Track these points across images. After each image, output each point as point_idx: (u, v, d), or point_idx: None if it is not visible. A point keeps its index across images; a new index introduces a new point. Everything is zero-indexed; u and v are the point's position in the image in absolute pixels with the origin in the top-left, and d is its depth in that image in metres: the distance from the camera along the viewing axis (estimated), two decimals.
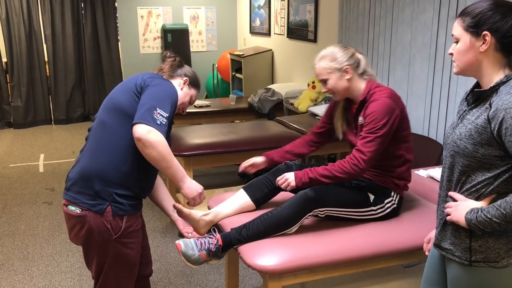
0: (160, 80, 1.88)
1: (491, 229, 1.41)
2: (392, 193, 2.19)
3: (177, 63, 2.06)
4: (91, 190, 1.78)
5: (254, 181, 2.27)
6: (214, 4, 7.40)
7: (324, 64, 2.17)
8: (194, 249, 1.96)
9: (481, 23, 1.41)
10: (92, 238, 1.81)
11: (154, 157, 1.73)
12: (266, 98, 4.92)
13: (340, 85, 2.17)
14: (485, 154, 1.41)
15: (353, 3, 4.20)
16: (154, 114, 1.73)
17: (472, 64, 1.46)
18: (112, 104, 1.85)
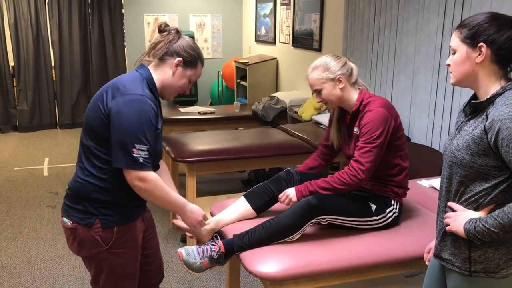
0: (128, 103, 1.68)
1: (489, 239, 1.42)
2: (392, 202, 2.19)
3: (170, 39, 1.82)
4: (78, 204, 1.79)
5: (255, 189, 2.28)
6: (220, 12, 7.45)
7: (317, 74, 2.19)
8: (196, 257, 1.96)
9: (477, 35, 1.44)
10: (84, 249, 1.82)
11: (150, 200, 1.78)
12: (270, 106, 4.95)
13: (333, 94, 2.18)
14: (483, 165, 1.43)
15: (358, 13, 4.23)
16: (133, 154, 1.66)
17: (468, 75, 1.49)
18: (86, 123, 1.78)
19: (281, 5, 6.04)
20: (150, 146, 1.71)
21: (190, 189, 3.35)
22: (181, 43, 1.83)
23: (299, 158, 3.63)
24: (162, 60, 1.82)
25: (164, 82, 1.84)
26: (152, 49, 1.84)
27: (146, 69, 1.83)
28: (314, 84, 2.20)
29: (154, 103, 1.74)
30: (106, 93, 1.74)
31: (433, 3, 3.34)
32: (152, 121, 1.71)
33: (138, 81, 1.76)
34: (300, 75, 5.71)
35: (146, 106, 1.69)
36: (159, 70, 1.83)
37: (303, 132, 3.83)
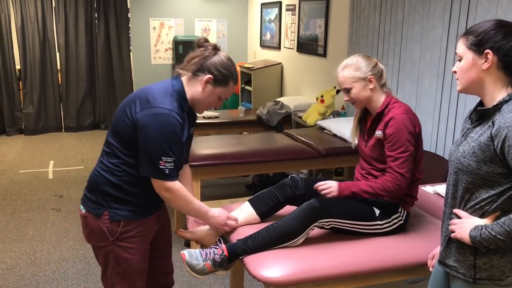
0: (154, 117, 1.74)
1: (495, 246, 1.42)
2: (399, 209, 2.20)
3: (205, 55, 1.85)
4: (92, 195, 1.90)
5: (260, 194, 2.29)
6: (225, 17, 7.48)
7: (348, 73, 2.19)
8: (198, 259, 1.97)
9: (483, 42, 1.45)
10: (93, 238, 1.92)
11: (174, 207, 1.93)
12: (275, 110, 4.96)
13: (362, 94, 2.20)
14: (488, 172, 1.42)
15: (363, 19, 4.24)
16: (160, 165, 1.76)
17: (475, 81, 1.49)
18: (113, 123, 1.87)
19: (286, 10, 6.07)
20: (176, 158, 1.80)
21: (195, 193, 3.36)
22: (214, 60, 1.85)
23: (303, 163, 3.64)
24: (194, 75, 1.86)
25: (194, 97, 1.88)
26: (188, 62, 1.88)
27: (179, 81, 1.88)
28: (344, 82, 2.21)
29: (180, 116, 1.80)
30: (135, 102, 1.81)
31: (438, 9, 3.35)
32: (178, 134, 1.78)
33: (168, 93, 1.81)
34: (305, 80, 5.72)
35: (172, 120, 1.76)
36: (190, 84, 1.88)
37: (307, 137, 3.84)
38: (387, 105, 2.18)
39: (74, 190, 4.78)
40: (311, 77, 5.55)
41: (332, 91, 4.48)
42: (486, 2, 2.94)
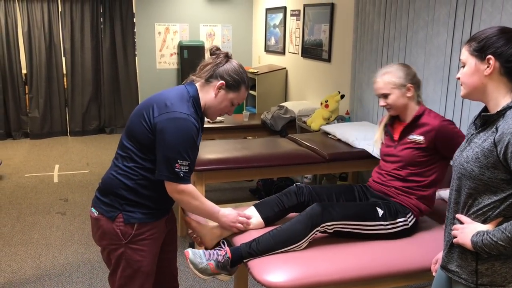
0: (173, 121, 1.79)
1: (497, 252, 1.42)
2: (408, 213, 2.22)
3: (217, 62, 1.91)
4: (106, 198, 1.92)
5: (266, 200, 2.31)
6: (230, 22, 7.52)
7: (388, 79, 2.27)
8: (202, 258, 1.99)
9: (485, 48, 1.46)
10: (105, 240, 1.93)
11: (186, 209, 1.97)
12: (279, 115, 4.97)
13: (400, 101, 2.27)
14: (491, 177, 1.43)
15: (368, 25, 4.26)
16: (175, 168, 1.80)
17: (477, 87, 1.50)
18: (128, 127, 1.90)
19: (291, 15, 6.09)
20: (191, 161, 1.84)
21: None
22: (226, 67, 1.91)
23: (307, 168, 3.64)
24: (207, 82, 1.91)
25: (207, 103, 1.93)
26: (201, 69, 1.95)
27: (194, 88, 1.93)
28: (383, 88, 2.27)
29: (197, 121, 1.85)
30: (152, 106, 1.85)
31: (443, 15, 3.35)
32: (194, 138, 1.83)
33: (184, 99, 1.86)
34: (309, 85, 5.73)
35: (189, 125, 1.81)
36: (204, 90, 1.92)
37: (311, 142, 3.85)
38: (423, 113, 2.26)
39: (79, 194, 4.80)
40: (315, 82, 5.56)
41: (337, 96, 4.49)
42: (491, 8, 2.94)
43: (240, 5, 7.48)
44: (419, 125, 2.26)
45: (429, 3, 3.48)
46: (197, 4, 7.30)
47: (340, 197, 2.34)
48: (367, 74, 4.32)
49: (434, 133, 2.20)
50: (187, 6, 7.27)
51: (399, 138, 2.33)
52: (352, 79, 4.57)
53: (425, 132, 2.22)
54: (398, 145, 2.31)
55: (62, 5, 6.80)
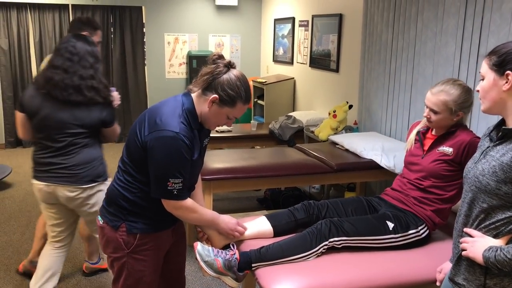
0: (161, 140, 1.74)
1: (509, 269, 1.40)
2: (422, 225, 2.22)
3: (216, 72, 1.80)
4: (110, 207, 1.94)
5: (277, 212, 2.34)
6: (239, 32, 7.57)
7: (444, 99, 2.23)
8: (210, 252, 2.01)
9: (505, 63, 1.45)
10: (109, 248, 1.95)
11: (185, 221, 1.97)
12: (287, 125, 4.98)
13: (445, 122, 2.27)
14: (508, 193, 1.41)
15: (376, 36, 4.27)
16: (168, 186, 1.78)
17: (496, 102, 1.49)
18: (126, 142, 1.90)
19: (299, 26, 6.13)
20: (185, 178, 1.81)
21: (207, 206, 3.38)
22: (223, 79, 1.79)
23: (315, 178, 3.64)
24: (203, 93, 1.82)
25: (202, 114, 1.86)
26: (199, 77, 1.85)
27: (190, 99, 1.85)
28: (437, 104, 2.25)
29: (187, 137, 1.77)
30: (145, 123, 1.81)
31: (451, 26, 3.36)
32: (185, 155, 1.77)
33: (176, 114, 1.79)
34: (317, 95, 5.75)
35: (178, 143, 1.75)
36: (200, 101, 1.84)
37: (319, 152, 3.85)
38: (458, 128, 2.26)
39: None
40: (323, 92, 5.58)
41: (345, 106, 4.50)
42: (499, 19, 2.95)
43: (249, 16, 7.54)
44: (451, 137, 2.26)
45: (438, 14, 3.49)
46: (206, 14, 7.36)
47: (348, 210, 2.35)
48: (375, 85, 4.33)
49: (463, 146, 2.20)
50: (197, 17, 7.34)
51: (428, 148, 2.33)
52: (360, 89, 4.58)
53: (455, 144, 2.22)
54: (425, 156, 2.32)
55: (73, 15, 6.89)
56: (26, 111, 2.50)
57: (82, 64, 2.45)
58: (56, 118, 2.43)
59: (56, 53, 2.47)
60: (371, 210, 2.37)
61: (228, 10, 7.42)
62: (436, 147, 2.29)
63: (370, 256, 2.10)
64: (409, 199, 2.30)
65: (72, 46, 2.45)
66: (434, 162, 2.25)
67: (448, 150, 2.23)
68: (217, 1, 7.17)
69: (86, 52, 2.48)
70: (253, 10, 7.53)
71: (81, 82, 2.43)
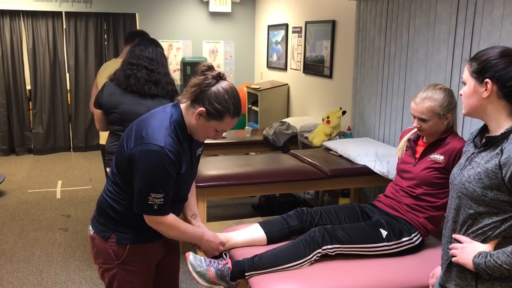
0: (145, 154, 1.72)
1: (499, 274, 1.41)
2: (415, 233, 2.22)
3: (204, 84, 1.75)
4: (101, 217, 1.92)
5: (270, 219, 2.33)
6: (233, 39, 7.59)
7: (430, 106, 2.23)
8: (202, 263, 2.00)
9: (484, 70, 1.46)
10: (99, 259, 1.93)
11: (168, 237, 1.91)
12: (281, 131, 4.99)
13: (435, 128, 2.27)
14: (494, 199, 1.42)
15: (369, 42, 4.29)
16: (149, 201, 1.75)
17: (476, 108, 1.50)
18: (115, 155, 1.88)
19: (293, 32, 6.15)
20: (166, 194, 1.77)
21: (201, 214, 3.37)
22: (211, 92, 1.74)
23: (309, 184, 3.64)
24: (191, 105, 1.78)
25: (190, 127, 1.82)
26: (189, 88, 1.80)
27: (179, 110, 1.81)
28: (424, 113, 2.24)
29: (173, 152, 1.74)
30: (131, 134, 1.80)
31: (443, 33, 3.38)
32: (169, 170, 1.74)
33: (163, 126, 1.76)
34: (311, 101, 5.76)
35: (162, 158, 1.72)
36: (188, 113, 1.80)
37: (313, 158, 3.85)
38: (449, 134, 2.26)
39: (82, 210, 4.80)
40: (317, 98, 5.59)
41: (338, 112, 4.51)
42: (490, 26, 2.97)
43: (243, 22, 7.56)
44: (442, 145, 2.27)
45: (429, 21, 3.52)
46: (200, 21, 7.38)
47: (341, 217, 2.35)
48: (368, 91, 4.34)
49: (454, 154, 2.20)
50: (190, 23, 7.35)
51: (420, 156, 2.34)
52: (354, 95, 4.60)
53: (446, 152, 2.23)
54: (417, 163, 2.32)
55: (67, 22, 6.88)
56: (104, 108, 2.81)
57: (161, 63, 2.78)
58: (135, 111, 2.64)
59: (132, 55, 2.77)
60: (364, 217, 2.37)
61: (221, 17, 7.44)
62: (428, 155, 2.29)
63: (363, 264, 2.10)
64: (402, 206, 2.30)
65: (148, 49, 2.77)
66: (425, 170, 2.26)
67: (439, 158, 2.24)
68: (210, 8, 7.19)
69: (161, 53, 2.82)
70: (246, 17, 7.56)
71: (160, 77, 2.75)
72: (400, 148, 2.48)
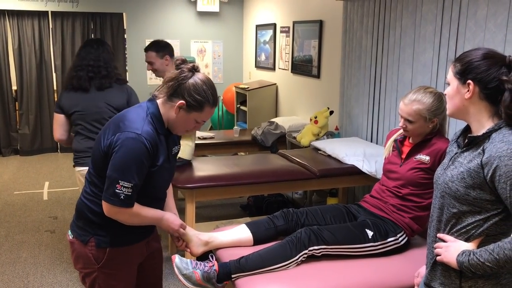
0: (121, 141, 1.72)
1: (482, 272, 1.43)
2: (400, 233, 2.24)
3: (181, 78, 1.77)
4: (79, 221, 1.90)
5: (258, 220, 2.33)
6: (221, 38, 7.58)
7: (418, 109, 2.24)
8: (188, 265, 1.99)
9: (467, 72, 1.48)
10: (79, 264, 1.91)
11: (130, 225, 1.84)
12: (270, 131, 4.99)
13: (421, 130, 2.29)
14: (477, 198, 1.45)
15: (356, 42, 4.31)
16: (116, 189, 1.71)
17: (459, 108, 1.53)
18: (92, 152, 1.85)
19: (281, 32, 6.15)
20: (135, 185, 1.74)
21: (190, 215, 3.37)
22: (189, 84, 1.76)
23: (298, 184, 3.65)
24: (169, 99, 1.79)
25: (169, 121, 1.83)
26: (164, 84, 1.83)
27: (155, 104, 1.82)
28: (411, 115, 2.25)
29: (150, 141, 1.74)
30: (108, 128, 1.79)
31: (429, 33, 3.41)
32: (142, 159, 1.73)
33: (140, 117, 1.78)
34: (299, 101, 5.77)
35: (138, 145, 1.71)
36: (166, 107, 1.81)
37: (302, 158, 3.86)
38: (435, 135, 2.28)
39: (69, 212, 4.77)
40: (305, 98, 5.61)
41: (326, 112, 4.52)
42: (474, 26, 3.00)
43: (231, 22, 7.55)
44: (427, 145, 2.29)
45: (416, 21, 3.54)
46: (187, 20, 7.35)
47: (327, 217, 2.36)
48: (355, 90, 4.36)
49: (440, 154, 2.22)
50: (178, 23, 7.32)
51: (406, 156, 2.35)
52: (341, 95, 4.62)
53: (432, 152, 2.25)
54: (403, 164, 2.34)
55: (53, 21, 6.82)
56: (65, 110, 3.05)
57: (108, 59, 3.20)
58: (93, 105, 3.06)
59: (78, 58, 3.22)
60: (350, 218, 2.39)
61: (209, 16, 7.43)
62: (414, 155, 2.31)
63: (349, 264, 2.11)
64: (387, 206, 2.32)
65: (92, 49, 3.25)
66: (411, 171, 2.28)
67: (425, 159, 2.26)
68: (198, 7, 7.17)
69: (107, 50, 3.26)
70: (234, 16, 7.55)
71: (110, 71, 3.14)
72: (386, 148, 2.50)
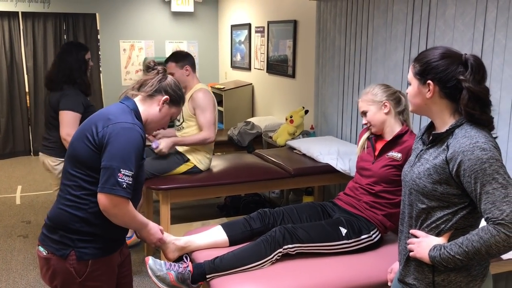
0: (121, 128, 1.74)
1: (453, 265, 1.47)
2: (374, 230, 2.27)
3: (159, 77, 1.91)
4: (55, 235, 1.81)
5: (233, 221, 2.33)
6: (196, 39, 7.54)
7: (366, 97, 2.39)
8: (162, 267, 1.98)
9: (426, 72, 1.51)
10: (57, 280, 1.82)
11: (116, 222, 1.80)
12: (246, 131, 5.00)
13: (377, 117, 2.35)
14: (444, 193, 1.48)
15: (329, 42, 4.35)
16: (119, 177, 1.69)
17: (422, 107, 1.57)
18: (71, 153, 1.81)
19: (256, 32, 6.17)
20: (134, 173, 1.74)
21: (164, 216, 3.34)
22: (169, 81, 1.93)
23: (274, 184, 3.67)
24: (150, 96, 1.89)
25: (149, 117, 1.89)
26: (140, 84, 1.90)
27: (132, 102, 1.88)
28: (362, 106, 2.40)
29: (143, 132, 1.81)
30: (95, 124, 1.77)
31: (400, 32, 3.47)
32: (140, 150, 1.79)
33: (126, 112, 1.82)
34: (275, 101, 5.79)
35: (136, 134, 1.76)
36: (146, 104, 1.88)
37: (277, 157, 3.88)
38: (405, 132, 2.32)
39: (43, 216, 4.68)
40: (281, 98, 5.63)
41: (301, 111, 4.55)
42: (443, 26, 3.07)
43: (206, 22, 7.53)
44: (399, 143, 2.33)
45: (387, 21, 3.60)
46: (162, 20, 7.30)
47: (303, 216, 2.38)
48: (330, 90, 4.40)
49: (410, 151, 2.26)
50: (152, 23, 7.26)
51: (378, 154, 2.39)
52: (316, 94, 4.65)
53: (404, 149, 2.29)
54: (376, 161, 2.37)
55: (24, 22, 6.68)
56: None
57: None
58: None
59: None
60: (325, 216, 2.41)
61: (184, 16, 7.39)
62: (386, 153, 2.35)
63: (323, 262, 2.13)
64: (361, 204, 2.35)
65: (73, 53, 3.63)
66: (384, 168, 2.31)
67: (397, 156, 2.30)
68: (173, 8, 7.12)
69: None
70: (209, 16, 7.53)
71: None
72: (359, 147, 2.53)
